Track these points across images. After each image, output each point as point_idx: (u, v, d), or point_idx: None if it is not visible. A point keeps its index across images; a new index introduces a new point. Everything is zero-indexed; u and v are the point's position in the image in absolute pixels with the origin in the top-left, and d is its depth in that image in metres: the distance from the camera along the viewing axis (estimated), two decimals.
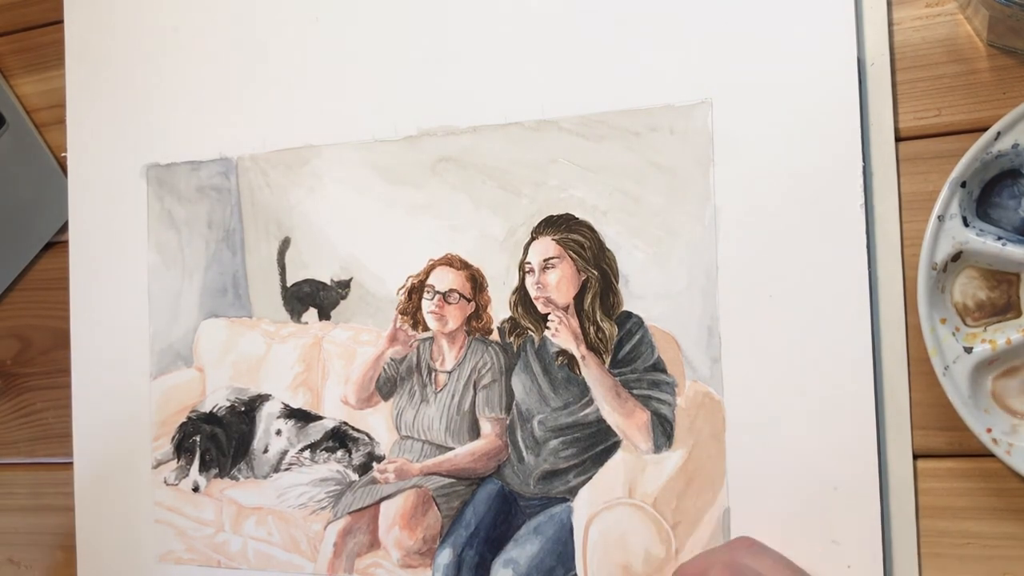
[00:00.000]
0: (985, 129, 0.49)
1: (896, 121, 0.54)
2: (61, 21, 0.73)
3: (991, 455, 0.49)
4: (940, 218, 0.50)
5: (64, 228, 0.73)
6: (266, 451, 0.66)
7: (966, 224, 0.50)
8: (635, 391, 0.57)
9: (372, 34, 0.64)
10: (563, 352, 0.59)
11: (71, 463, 0.71)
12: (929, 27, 0.54)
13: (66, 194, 0.72)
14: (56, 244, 0.74)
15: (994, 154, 0.49)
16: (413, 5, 0.63)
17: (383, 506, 0.62)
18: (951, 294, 0.51)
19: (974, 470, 0.52)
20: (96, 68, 0.72)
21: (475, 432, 0.61)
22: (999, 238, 0.49)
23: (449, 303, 0.61)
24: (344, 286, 0.64)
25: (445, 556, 0.60)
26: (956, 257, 0.50)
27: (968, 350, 0.50)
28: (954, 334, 0.50)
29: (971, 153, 0.49)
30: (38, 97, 0.75)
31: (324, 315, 0.65)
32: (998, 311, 0.51)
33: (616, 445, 0.57)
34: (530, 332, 0.60)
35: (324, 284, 0.65)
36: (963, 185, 0.50)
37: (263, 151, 0.66)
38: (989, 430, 0.49)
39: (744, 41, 0.55)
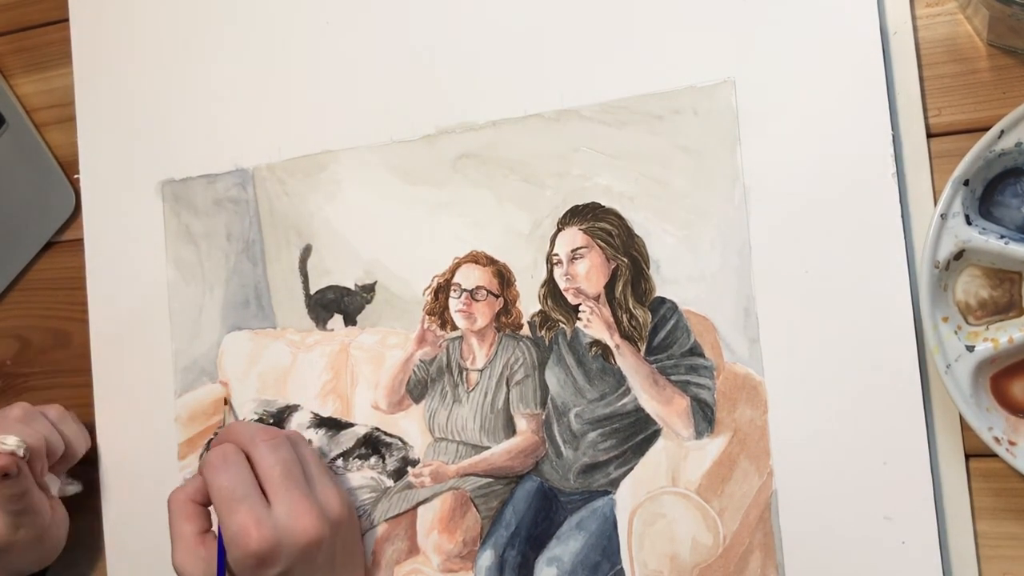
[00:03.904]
0: (985, 129, 0.49)
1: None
2: (61, 20, 0.73)
3: (992, 455, 0.49)
4: (943, 216, 0.50)
5: (64, 228, 0.72)
6: None
7: (969, 222, 0.50)
8: (673, 377, 0.56)
9: (384, 34, 0.64)
10: (597, 343, 0.58)
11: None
12: (929, 27, 0.54)
13: (65, 194, 0.72)
14: (56, 244, 0.74)
15: (997, 152, 0.49)
16: (423, 3, 0.63)
17: (420, 511, 0.61)
18: (953, 292, 0.51)
19: (973, 469, 0.52)
20: (105, 85, 0.71)
21: (510, 429, 0.60)
22: (1002, 236, 0.49)
23: (477, 300, 0.61)
24: (369, 290, 0.64)
25: (487, 558, 0.59)
26: (958, 255, 0.50)
27: (970, 349, 0.49)
28: (956, 332, 0.50)
29: (974, 151, 0.49)
30: (38, 97, 0.75)
31: (350, 321, 0.64)
32: (1000, 310, 0.50)
33: (656, 433, 0.56)
34: (561, 324, 0.59)
35: (348, 289, 0.64)
36: (966, 183, 0.49)
37: (279, 159, 0.66)
38: (990, 429, 0.49)
39: (764, 17, 0.55)
